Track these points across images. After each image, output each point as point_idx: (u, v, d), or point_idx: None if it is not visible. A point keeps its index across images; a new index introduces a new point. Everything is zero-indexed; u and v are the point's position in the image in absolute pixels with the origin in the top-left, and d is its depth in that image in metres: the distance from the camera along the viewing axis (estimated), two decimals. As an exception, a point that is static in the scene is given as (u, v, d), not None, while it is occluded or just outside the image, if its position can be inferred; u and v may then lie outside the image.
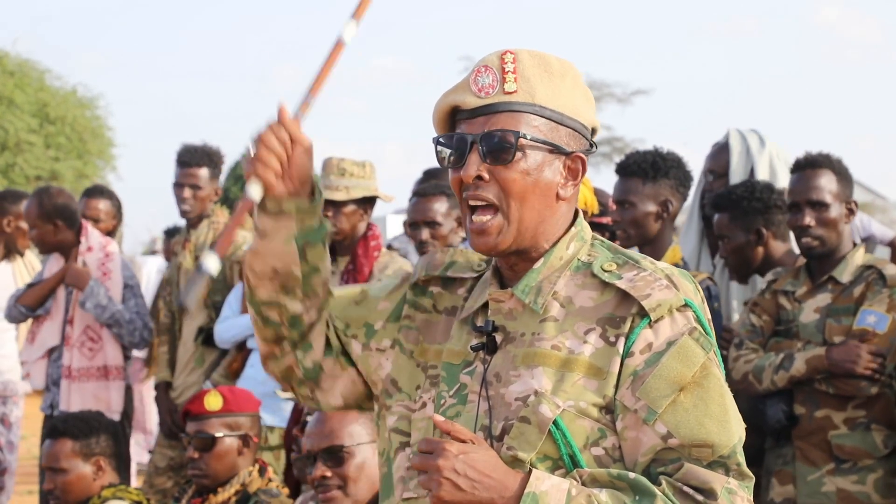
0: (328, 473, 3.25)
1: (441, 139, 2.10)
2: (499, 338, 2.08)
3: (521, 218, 2.05)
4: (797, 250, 4.62)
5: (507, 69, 2.05)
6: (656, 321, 1.99)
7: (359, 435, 3.28)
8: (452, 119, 2.11)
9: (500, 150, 2.03)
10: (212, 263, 2.03)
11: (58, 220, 5.77)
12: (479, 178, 2.04)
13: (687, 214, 5.19)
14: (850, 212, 4.19)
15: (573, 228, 2.11)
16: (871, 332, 4.02)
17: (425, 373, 2.15)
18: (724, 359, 4.50)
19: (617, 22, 56.49)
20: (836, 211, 4.15)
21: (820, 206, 4.14)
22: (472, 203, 2.06)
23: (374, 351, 2.21)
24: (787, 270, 4.32)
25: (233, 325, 5.47)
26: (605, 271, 2.05)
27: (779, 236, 4.51)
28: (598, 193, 5.09)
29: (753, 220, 4.46)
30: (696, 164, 4.82)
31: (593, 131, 2.14)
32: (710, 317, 2.07)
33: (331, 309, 2.24)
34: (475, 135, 2.04)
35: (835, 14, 58.61)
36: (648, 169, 4.41)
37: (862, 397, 4.03)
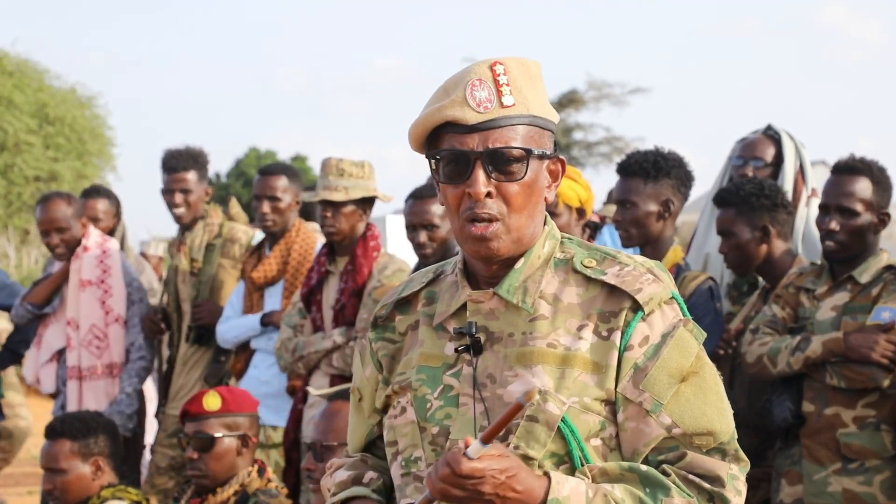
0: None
1: (442, 154, 2.04)
2: (481, 338, 2.07)
3: (518, 226, 2.05)
4: (795, 250, 4.61)
5: (500, 81, 2.03)
6: (649, 314, 2.03)
7: None
8: (433, 132, 2.06)
9: (511, 166, 2.02)
10: None
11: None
12: (488, 194, 2.03)
13: (703, 212, 5.09)
14: (882, 221, 4.13)
15: (546, 227, 2.13)
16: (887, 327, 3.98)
17: (388, 384, 2.17)
18: (715, 355, 4.48)
19: (617, 21, 56.52)
20: (864, 219, 4.10)
21: (848, 212, 4.10)
22: (478, 220, 2.03)
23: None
24: (812, 268, 4.29)
25: (235, 325, 5.45)
26: (587, 267, 2.07)
27: (781, 235, 4.50)
28: None
29: (760, 217, 4.44)
30: (696, 164, 4.78)
31: None
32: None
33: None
34: (481, 151, 2.01)
35: (838, 14, 58.69)
36: (650, 168, 4.38)
37: (872, 388, 3.98)
